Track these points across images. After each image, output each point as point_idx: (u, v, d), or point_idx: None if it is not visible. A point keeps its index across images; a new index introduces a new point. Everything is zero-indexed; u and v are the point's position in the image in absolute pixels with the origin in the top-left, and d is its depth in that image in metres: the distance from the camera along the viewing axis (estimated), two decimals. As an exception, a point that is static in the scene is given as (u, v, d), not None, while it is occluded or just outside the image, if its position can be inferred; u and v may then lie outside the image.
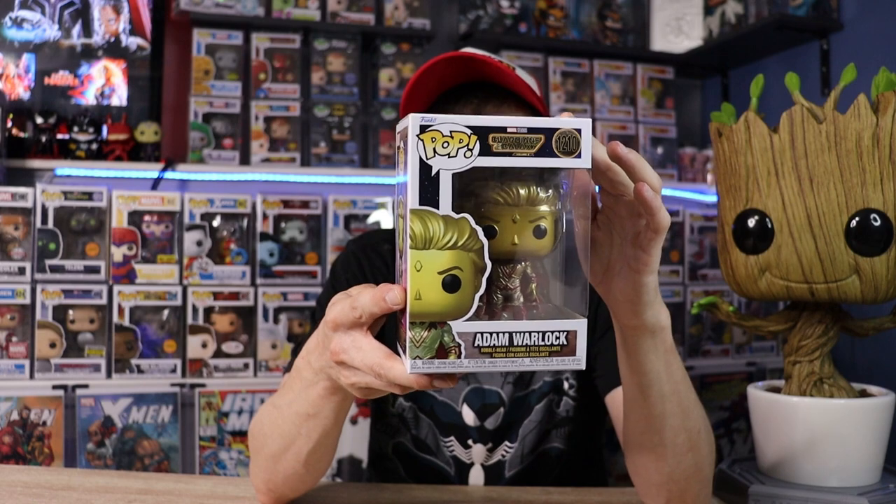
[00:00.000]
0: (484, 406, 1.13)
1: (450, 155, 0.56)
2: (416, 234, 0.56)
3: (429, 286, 0.57)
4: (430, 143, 0.56)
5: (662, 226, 0.64)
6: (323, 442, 0.84)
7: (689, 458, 0.84)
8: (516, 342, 0.58)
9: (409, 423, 1.15)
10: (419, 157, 0.56)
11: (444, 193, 0.56)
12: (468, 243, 0.57)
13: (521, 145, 0.56)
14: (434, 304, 0.57)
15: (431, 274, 0.57)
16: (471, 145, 0.56)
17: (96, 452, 1.88)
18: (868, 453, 1.02)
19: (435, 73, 1.06)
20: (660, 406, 0.80)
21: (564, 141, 0.57)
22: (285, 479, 0.90)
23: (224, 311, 1.99)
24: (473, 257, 0.57)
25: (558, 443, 1.15)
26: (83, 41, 2.15)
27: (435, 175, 0.56)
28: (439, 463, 1.14)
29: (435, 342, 0.57)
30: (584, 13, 2.52)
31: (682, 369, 0.81)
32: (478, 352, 0.57)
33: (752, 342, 2.31)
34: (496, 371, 0.61)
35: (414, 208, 0.56)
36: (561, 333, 0.58)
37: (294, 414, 0.82)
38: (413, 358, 0.58)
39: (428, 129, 0.56)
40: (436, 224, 0.56)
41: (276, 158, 2.18)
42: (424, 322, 0.57)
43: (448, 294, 0.57)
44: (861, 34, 2.02)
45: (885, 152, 0.97)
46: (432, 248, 0.56)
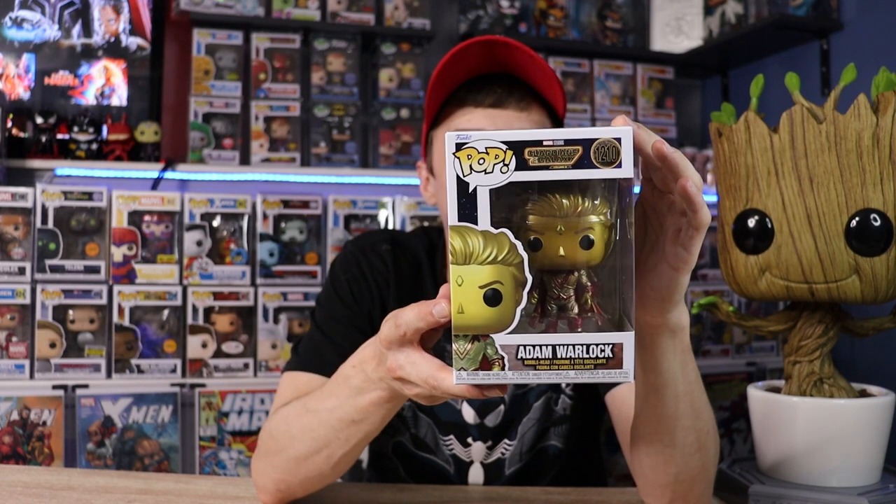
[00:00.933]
0: (485, 403, 1.13)
1: (486, 171, 0.57)
2: (457, 249, 0.58)
3: (470, 300, 0.58)
4: (467, 161, 0.57)
5: (704, 223, 0.64)
6: (359, 446, 0.85)
7: (696, 459, 0.84)
8: (560, 355, 0.58)
9: (408, 422, 1.15)
10: (456, 175, 0.57)
11: (483, 209, 0.57)
12: (508, 258, 0.58)
13: (558, 158, 0.56)
14: (476, 317, 0.58)
15: (473, 288, 0.58)
16: (507, 160, 0.56)
17: (96, 452, 1.88)
18: (868, 453, 1.02)
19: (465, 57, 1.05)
20: (673, 406, 0.80)
21: (604, 151, 0.56)
22: (306, 479, 0.90)
23: (224, 311, 1.99)
24: (514, 271, 0.58)
25: (556, 441, 1.16)
26: (83, 41, 2.15)
27: (472, 192, 0.57)
28: (439, 461, 1.14)
29: (479, 354, 0.59)
30: (584, 13, 2.52)
31: (696, 370, 0.81)
32: (521, 364, 0.58)
33: (752, 342, 2.31)
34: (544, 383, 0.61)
35: (453, 225, 0.57)
36: (606, 346, 0.58)
37: (336, 419, 0.82)
38: (458, 370, 0.60)
39: (463, 146, 0.57)
40: (475, 240, 0.57)
41: (276, 158, 2.18)
42: (468, 335, 0.59)
43: (489, 308, 0.58)
44: (861, 34, 2.02)
45: (885, 152, 0.97)
46: (473, 263, 0.58)
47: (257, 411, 1.97)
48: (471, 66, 1.08)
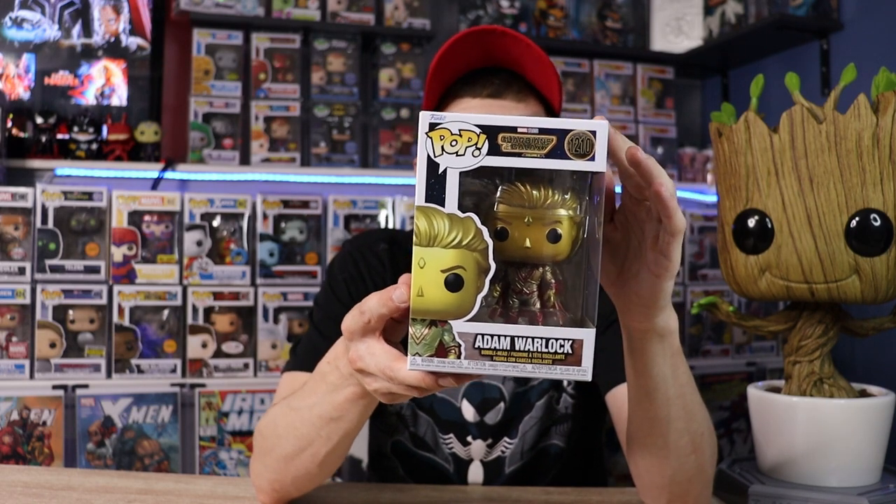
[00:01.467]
0: (484, 400, 1.13)
1: (458, 153, 0.56)
2: (421, 230, 0.56)
3: (431, 284, 0.57)
4: (439, 141, 0.56)
5: (678, 229, 0.64)
6: (342, 443, 0.84)
7: (692, 461, 0.84)
8: (518, 347, 0.57)
9: (407, 420, 1.15)
10: (427, 155, 0.56)
11: (451, 192, 0.56)
12: (473, 243, 0.56)
13: (531, 146, 0.55)
14: (435, 301, 0.57)
15: (434, 271, 0.57)
16: (479, 144, 0.56)
17: (96, 452, 1.88)
18: (868, 453, 1.02)
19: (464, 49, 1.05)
20: (665, 409, 0.80)
21: (578, 143, 0.56)
22: (295, 479, 0.90)
23: (224, 311, 1.99)
24: (478, 257, 0.57)
25: (558, 440, 1.16)
26: (83, 41, 2.15)
27: (442, 173, 0.56)
28: (438, 460, 1.14)
29: (435, 340, 0.57)
30: (584, 13, 2.52)
31: (687, 373, 0.81)
32: (478, 353, 0.57)
33: (752, 342, 2.31)
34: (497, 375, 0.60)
35: (420, 205, 0.56)
36: (566, 342, 0.57)
37: (316, 417, 0.82)
38: (413, 354, 0.58)
39: (437, 126, 0.56)
40: (441, 222, 0.56)
41: (276, 158, 2.18)
42: (426, 319, 0.57)
43: (450, 293, 0.57)
44: (861, 34, 2.02)
45: (885, 152, 0.97)
46: (436, 245, 0.56)
47: (257, 411, 1.97)
48: (468, 60, 1.08)
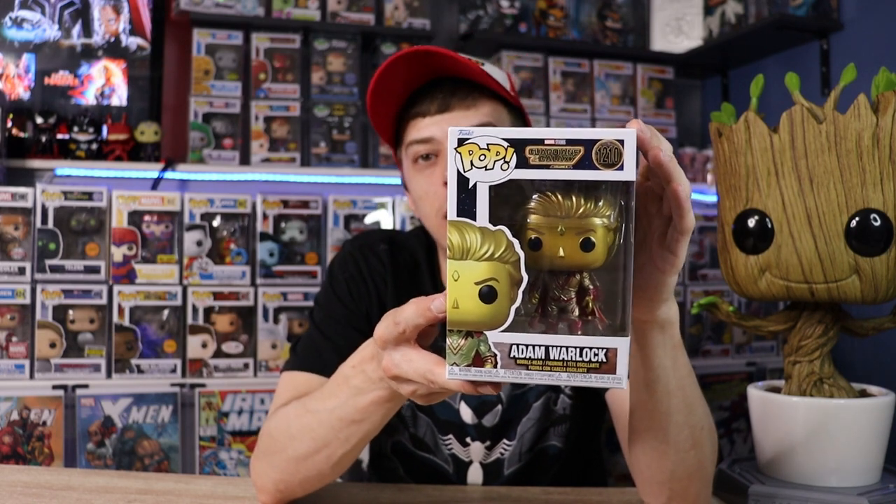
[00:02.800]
0: (482, 403, 1.14)
1: (487, 167, 0.57)
2: (454, 244, 0.58)
3: (466, 296, 0.58)
4: (468, 156, 0.57)
5: (689, 228, 0.64)
6: (359, 445, 0.85)
7: (692, 456, 0.84)
8: (553, 356, 0.58)
9: (407, 421, 1.15)
10: (457, 170, 0.57)
11: (482, 205, 0.57)
12: (504, 255, 0.58)
13: (559, 157, 0.56)
14: (470, 313, 0.58)
15: (468, 284, 0.58)
16: (507, 158, 0.57)
17: (96, 452, 1.88)
18: (868, 453, 1.02)
19: (396, 73, 1.05)
20: (665, 402, 0.80)
21: (605, 153, 0.56)
22: (306, 479, 0.90)
23: (224, 311, 1.99)
24: (510, 269, 0.58)
25: (556, 441, 1.16)
26: (83, 41, 2.15)
27: (472, 187, 0.57)
28: (438, 461, 1.14)
29: (471, 350, 0.59)
30: (584, 13, 2.52)
31: (688, 366, 0.81)
32: (514, 363, 0.58)
33: (752, 342, 2.31)
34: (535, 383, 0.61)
35: (452, 220, 0.58)
36: (600, 350, 0.58)
37: (336, 419, 0.83)
38: (451, 364, 0.60)
39: (465, 142, 0.57)
40: (473, 236, 0.58)
41: (276, 158, 2.18)
42: (462, 331, 0.59)
43: (484, 304, 0.58)
44: (861, 34, 2.02)
45: (885, 152, 0.97)
46: (469, 258, 0.58)
47: (257, 411, 1.97)
48: (409, 79, 1.08)
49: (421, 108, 1.08)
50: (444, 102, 1.06)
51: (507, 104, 1.11)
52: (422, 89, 1.09)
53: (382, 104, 1.10)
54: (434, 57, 1.04)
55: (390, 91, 1.09)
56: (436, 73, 1.08)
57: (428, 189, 1.07)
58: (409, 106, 1.10)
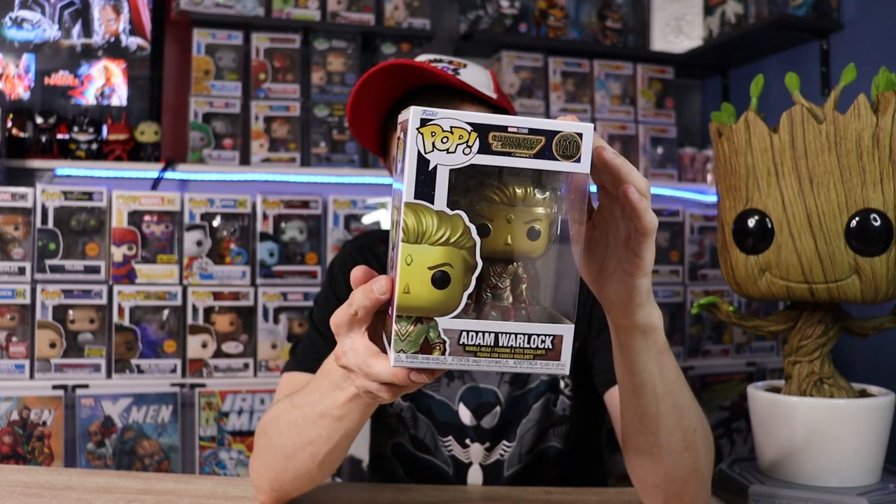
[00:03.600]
0: (480, 405, 1.13)
1: (448, 150, 0.56)
2: (409, 227, 0.56)
3: (418, 281, 0.57)
4: (430, 138, 0.56)
5: (649, 229, 0.64)
6: (342, 443, 0.85)
7: (685, 458, 0.84)
8: (501, 343, 0.58)
9: (407, 422, 1.15)
10: (417, 151, 0.56)
11: (440, 189, 0.56)
12: (461, 240, 0.57)
13: (520, 146, 0.56)
14: (422, 298, 0.57)
15: (421, 269, 0.57)
16: (470, 142, 0.56)
17: (96, 452, 1.88)
18: (868, 453, 1.02)
19: (374, 85, 1.05)
20: (654, 406, 0.80)
21: (565, 144, 0.57)
22: (295, 478, 0.90)
23: (224, 311, 1.99)
24: (465, 255, 0.57)
25: (556, 442, 1.16)
26: (83, 41, 2.15)
27: (432, 170, 0.56)
28: (438, 463, 1.14)
29: (420, 337, 0.58)
30: (584, 13, 2.52)
31: (676, 369, 0.81)
32: (462, 350, 0.58)
33: (752, 342, 2.31)
34: (479, 370, 0.61)
35: (409, 202, 0.56)
36: (547, 337, 0.58)
37: (318, 415, 0.82)
38: (398, 352, 0.58)
39: (428, 122, 0.56)
40: (429, 219, 0.56)
41: (276, 158, 2.18)
42: (411, 316, 0.57)
43: (437, 290, 0.57)
44: (861, 34, 2.02)
45: (885, 152, 0.97)
46: (424, 242, 0.57)
47: (257, 411, 1.97)
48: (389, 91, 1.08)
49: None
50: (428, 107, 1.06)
51: (492, 107, 1.11)
52: (404, 98, 1.09)
53: (364, 117, 1.11)
54: (411, 69, 1.04)
55: (370, 104, 1.09)
56: (416, 82, 1.08)
57: None
58: (393, 116, 1.10)
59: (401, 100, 1.10)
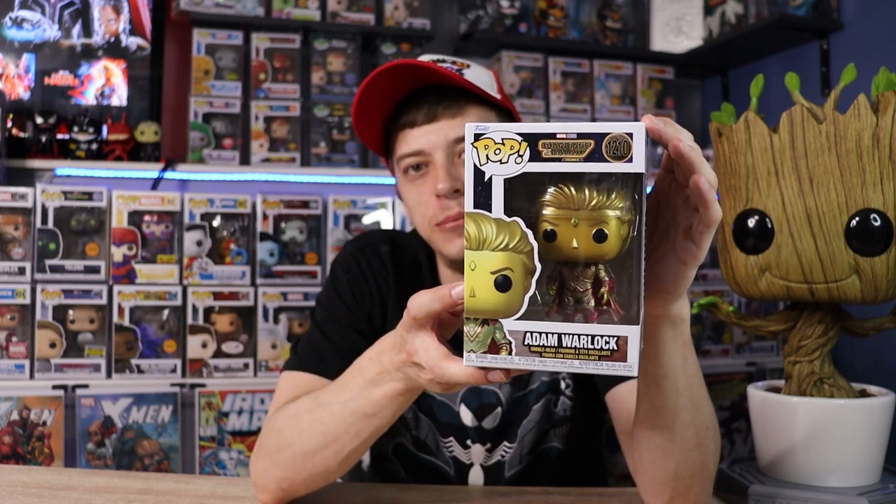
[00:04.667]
0: (481, 405, 1.13)
1: (502, 161, 0.59)
2: (471, 235, 0.60)
3: (482, 285, 0.61)
4: (484, 151, 0.60)
5: (715, 219, 0.65)
6: (368, 441, 0.85)
7: (695, 455, 0.84)
8: (565, 343, 0.60)
9: (409, 423, 1.15)
10: (473, 164, 0.60)
11: (497, 197, 0.60)
12: (519, 245, 0.60)
13: (570, 150, 0.58)
14: (486, 301, 0.61)
15: (485, 273, 0.60)
16: (521, 151, 0.59)
17: (96, 452, 1.88)
18: (868, 453, 1.02)
19: (379, 85, 1.05)
20: (673, 399, 0.80)
21: (615, 146, 0.58)
22: (311, 476, 0.90)
23: (224, 311, 1.99)
24: (524, 259, 0.60)
25: (557, 442, 1.15)
26: (83, 41, 2.15)
27: (488, 180, 0.60)
28: (439, 463, 1.14)
29: (488, 338, 0.61)
30: (584, 13, 2.52)
31: (696, 364, 0.81)
32: (528, 350, 0.60)
33: (752, 342, 2.31)
34: (547, 371, 0.63)
35: (469, 211, 0.60)
36: (611, 338, 0.59)
37: (349, 413, 0.83)
38: (468, 352, 0.62)
39: (481, 136, 0.60)
40: (488, 227, 0.60)
41: (276, 158, 2.18)
42: (478, 319, 0.61)
43: (499, 293, 0.60)
44: (861, 34, 2.02)
45: (885, 152, 0.97)
46: (485, 248, 0.60)
47: (257, 411, 1.97)
48: (393, 91, 1.08)
49: (408, 119, 1.08)
50: (431, 112, 1.07)
51: (496, 107, 1.11)
52: (407, 99, 1.09)
53: (369, 118, 1.11)
54: (416, 69, 1.04)
55: (375, 105, 1.09)
56: (420, 82, 1.08)
57: (419, 199, 1.08)
58: (396, 117, 1.10)
59: (405, 100, 1.10)
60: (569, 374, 1.15)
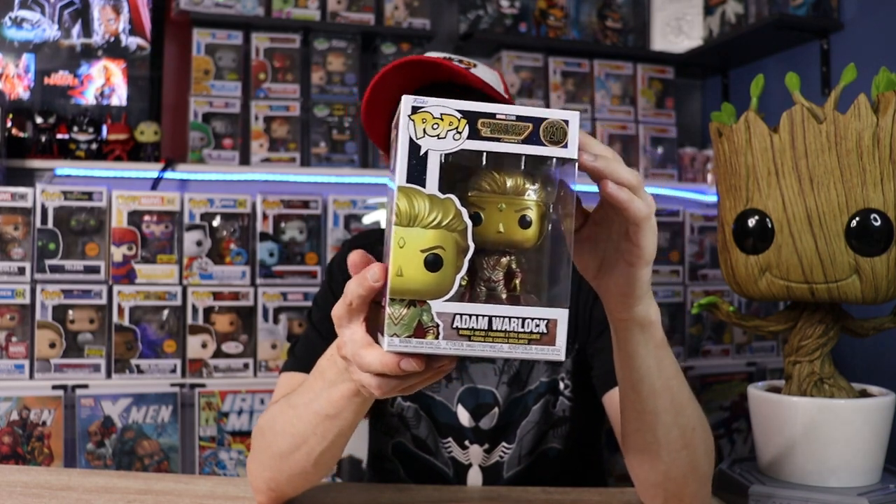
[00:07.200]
0: (478, 406, 1.13)
1: (439, 136, 0.58)
2: (402, 211, 0.57)
3: (411, 263, 0.57)
4: (421, 124, 0.58)
5: (638, 217, 0.65)
6: (337, 442, 0.85)
7: (683, 456, 0.84)
8: (495, 327, 0.58)
9: (409, 422, 1.15)
10: (409, 137, 0.58)
11: (432, 173, 0.58)
12: (452, 223, 0.58)
13: (508, 132, 0.58)
14: (415, 281, 0.57)
15: (414, 251, 0.57)
16: (460, 128, 0.58)
17: (96, 452, 1.88)
18: (868, 453, 1.02)
19: (388, 83, 1.05)
20: (651, 402, 0.80)
21: (552, 131, 0.59)
22: (290, 477, 0.90)
23: (224, 311, 1.99)
24: (457, 238, 0.58)
25: (556, 443, 1.15)
26: (83, 41, 2.15)
27: (423, 155, 0.58)
28: (438, 464, 1.14)
29: (414, 320, 0.58)
30: (584, 13, 2.52)
31: (674, 366, 0.81)
32: (456, 333, 0.58)
33: (752, 342, 2.31)
34: (474, 355, 0.61)
35: (401, 185, 0.57)
36: (541, 321, 0.58)
37: (312, 413, 0.82)
38: (391, 335, 0.58)
39: (419, 110, 0.58)
40: (421, 202, 0.58)
41: (276, 158, 2.18)
42: (404, 300, 0.57)
43: (429, 273, 0.57)
44: (861, 34, 2.02)
45: (885, 152, 0.97)
46: (417, 225, 0.57)
47: (257, 411, 1.97)
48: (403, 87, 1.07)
49: None
50: None
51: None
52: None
53: (376, 115, 1.10)
54: (426, 65, 1.04)
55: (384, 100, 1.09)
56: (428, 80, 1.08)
57: None
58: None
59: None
60: (568, 375, 1.14)
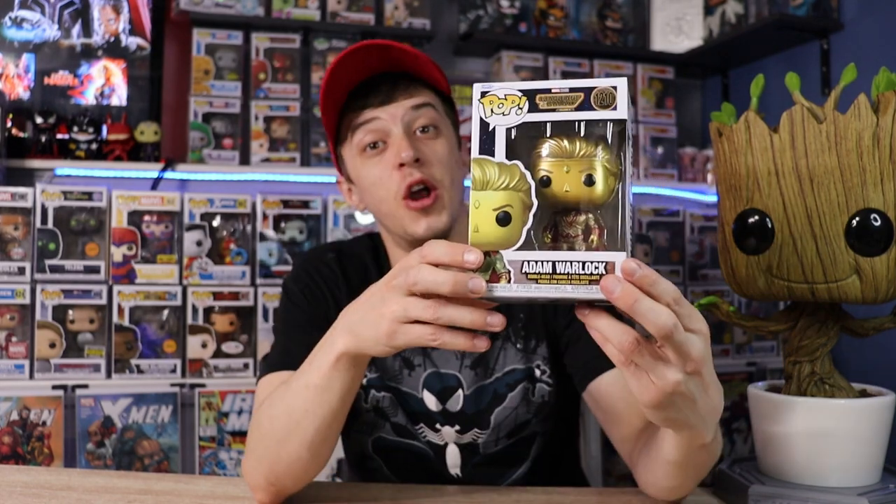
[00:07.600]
0: (443, 388, 1.15)
1: (504, 114, 0.68)
2: (476, 178, 0.68)
3: (485, 221, 0.67)
4: (488, 105, 0.69)
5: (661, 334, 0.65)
6: (328, 422, 0.87)
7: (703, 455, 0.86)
8: (559, 270, 0.65)
9: (386, 411, 1.16)
10: (479, 118, 0.69)
11: (499, 144, 0.68)
12: (518, 185, 0.67)
13: (563, 102, 0.67)
14: (489, 234, 0.67)
15: (487, 210, 0.67)
16: (521, 105, 0.68)
17: (96, 452, 1.88)
18: (868, 453, 1.02)
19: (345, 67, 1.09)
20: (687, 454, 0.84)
21: (602, 97, 0.66)
22: (289, 466, 0.91)
23: (224, 311, 1.99)
24: (522, 196, 0.67)
25: (538, 426, 1.16)
26: (83, 41, 2.15)
27: (492, 130, 0.68)
28: (418, 444, 1.15)
29: (489, 267, 0.67)
30: (584, 13, 2.52)
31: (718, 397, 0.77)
32: (525, 277, 0.66)
33: (752, 342, 2.31)
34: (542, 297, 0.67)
35: (475, 157, 0.68)
36: (600, 264, 0.65)
37: (303, 387, 0.86)
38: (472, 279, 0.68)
39: (487, 94, 0.69)
40: (491, 169, 0.68)
41: (275, 158, 2.18)
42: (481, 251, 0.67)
43: (500, 227, 0.67)
44: (861, 34, 2.02)
45: (885, 152, 0.97)
46: (488, 189, 0.68)
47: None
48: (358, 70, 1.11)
49: (366, 102, 1.11)
50: (388, 95, 1.11)
51: (443, 96, 1.16)
52: (363, 84, 1.13)
53: (332, 102, 1.14)
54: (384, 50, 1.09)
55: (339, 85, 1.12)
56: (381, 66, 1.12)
57: (381, 174, 1.10)
58: (352, 100, 1.13)
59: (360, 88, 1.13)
60: (544, 361, 1.15)
